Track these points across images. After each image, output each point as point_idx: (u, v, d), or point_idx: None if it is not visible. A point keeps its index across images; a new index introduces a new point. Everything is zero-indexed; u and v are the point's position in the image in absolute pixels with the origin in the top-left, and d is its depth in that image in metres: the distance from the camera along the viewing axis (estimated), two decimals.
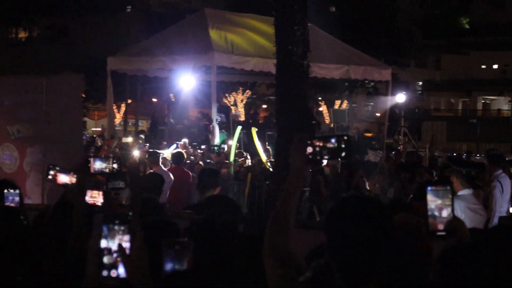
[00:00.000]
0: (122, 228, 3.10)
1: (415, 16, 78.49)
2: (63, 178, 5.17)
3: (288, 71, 10.13)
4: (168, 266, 3.05)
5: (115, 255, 3.08)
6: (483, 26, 77.33)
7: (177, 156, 13.99)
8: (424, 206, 3.01)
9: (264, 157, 17.18)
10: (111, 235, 3.10)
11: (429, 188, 2.99)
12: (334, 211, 3.19)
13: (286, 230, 3.41)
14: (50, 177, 5.24)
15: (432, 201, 2.96)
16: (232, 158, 17.46)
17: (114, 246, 3.09)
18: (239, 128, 19.73)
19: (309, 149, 3.37)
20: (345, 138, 3.39)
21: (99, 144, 23.85)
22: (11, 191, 5.40)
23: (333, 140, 3.37)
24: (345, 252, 3.02)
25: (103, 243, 3.10)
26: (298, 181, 3.52)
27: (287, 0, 10.12)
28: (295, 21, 10.02)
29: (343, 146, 3.37)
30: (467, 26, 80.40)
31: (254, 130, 18.71)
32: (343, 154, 3.38)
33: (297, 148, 3.43)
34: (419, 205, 3.51)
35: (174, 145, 20.97)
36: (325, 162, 13.85)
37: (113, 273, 3.08)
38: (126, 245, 3.10)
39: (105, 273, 3.08)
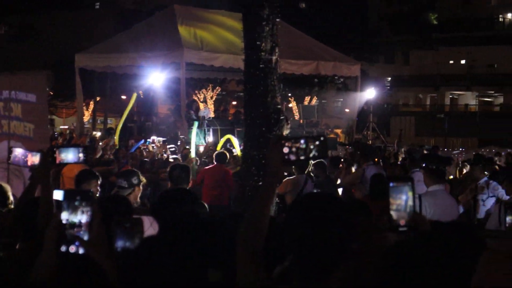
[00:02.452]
0: (83, 204, 3.09)
1: (383, 12, 78.89)
2: (27, 158, 5.12)
3: (256, 67, 10.10)
4: (120, 243, 3.05)
5: (74, 230, 3.07)
6: (451, 22, 77.80)
7: (220, 156, 14.45)
8: (386, 202, 3.02)
9: (193, 154, 17.35)
10: (71, 211, 3.09)
11: (391, 184, 3.00)
12: (291, 208, 3.19)
13: (261, 229, 3.41)
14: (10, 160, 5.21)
15: (394, 197, 2.98)
16: (193, 154, 17.49)
17: (74, 221, 3.08)
18: (195, 123, 19.84)
19: (285, 150, 3.37)
20: (322, 139, 3.40)
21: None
22: None
23: (302, 141, 3.38)
24: (303, 250, 3.03)
25: (64, 219, 3.08)
26: (275, 180, 3.53)
27: None
28: (263, 16, 9.99)
29: (312, 146, 3.37)
30: (435, 22, 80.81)
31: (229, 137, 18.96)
32: (313, 154, 3.39)
33: (273, 149, 3.43)
34: (378, 203, 3.51)
35: (142, 141, 20.89)
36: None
37: (72, 249, 3.07)
38: (87, 220, 3.08)
39: (63, 248, 3.07)
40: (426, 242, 2.84)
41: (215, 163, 14.34)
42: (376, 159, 12.83)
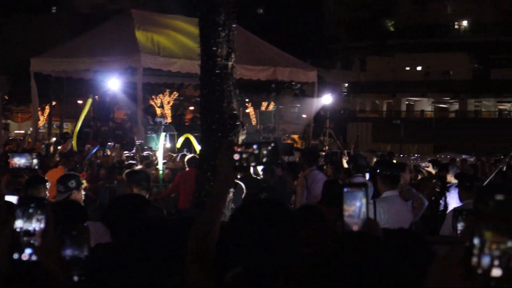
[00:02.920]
0: (38, 211, 3.07)
1: (341, 19, 79.40)
2: None
3: (212, 72, 10.11)
4: (68, 252, 3.04)
5: (28, 237, 3.05)
6: (407, 29, 78.57)
7: (192, 160, 14.25)
8: (340, 208, 3.04)
9: (160, 163, 17.32)
10: (26, 219, 3.07)
11: (345, 189, 3.01)
12: (235, 214, 3.20)
13: (212, 235, 3.41)
14: None
15: (348, 203, 2.99)
16: (160, 162, 17.43)
17: (29, 229, 3.06)
18: (163, 134, 19.79)
19: (236, 156, 3.38)
20: (273, 145, 3.41)
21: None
22: None
23: (255, 147, 3.39)
24: (249, 256, 3.04)
25: (18, 226, 3.07)
26: (226, 186, 3.53)
27: (212, 1, 10.10)
28: (219, 22, 9.99)
29: (265, 152, 3.39)
30: (391, 29, 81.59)
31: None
32: (265, 160, 3.41)
33: (224, 155, 3.44)
34: (333, 209, 3.54)
35: (98, 147, 20.76)
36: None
37: (25, 256, 3.05)
38: (40, 228, 3.07)
39: (16, 255, 3.05)
40: (373, 250, 2.86)
41: (188, 168, 14.26)
42: (319, 164, 12.88)
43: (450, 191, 12.99)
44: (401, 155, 32.55)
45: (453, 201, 12.67)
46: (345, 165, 15.43)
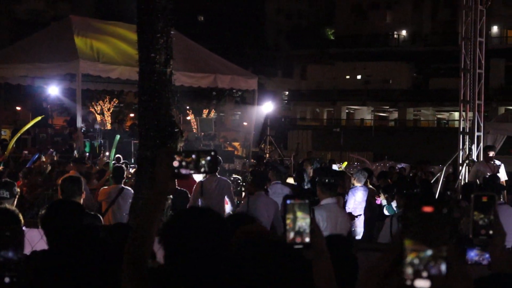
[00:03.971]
0: None
1: (282, 27, 79.80)
2: None
3: (150, 79, 10.08)
4: (0, 253, 3.02)
5: None
6: (347, 38, 79.28)
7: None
8: (283, 220, 3.04)
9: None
10: None
11: (288, 201, 3.01)
12: (167, 223, 3.20)
13: (148, 243, 3.40)
14: None
15: (291, 214, 2.99)
16: (111, 166, 17.32)
17: None
18: (117, 137, 19.70)
19: (175, 163, 3.38)
20: (212, 153, 3.42)
21: None
22: None
23: (193, 156, 3.40)
24: (182, 264, 3.04)
25: None
26: (163, 193, 3.53)
27: (150, 8, 10.07)
28: (157, 28, 9.97)
29: (203, 161, 3.39)
30: (332, 37, 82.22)
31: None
32: (203, 169, 3.41)
33: (163, 162, 3.43)
34: None
35: (37, 155, 20.52)
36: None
37: None
38: None
39: None
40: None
41: None
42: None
43: (350, 192, 13.40)
44: (340, 163, 32.75)
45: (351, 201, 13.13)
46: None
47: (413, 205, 1.84)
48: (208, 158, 3.39)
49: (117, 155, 19.46)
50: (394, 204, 11.61)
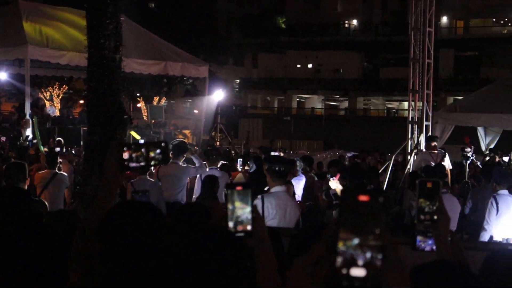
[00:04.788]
0: None
1: (233, 15, 79.66)
2: None
3: (99, 65, 10.01)
4: None
5: None
6: (298, 26, 79.31)
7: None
8: (224, 208, 3.03)
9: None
10: None
11: (228, 190, 2.99)
12: (104, 218, 3.15)
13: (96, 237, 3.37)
14: None
15: (232, 202, 2.97)
16: (41, 149, 17.23)
17: None
18: (35, 119, 19.57)
19: (125, 155, 3.35)
20: (163, 144, 3.40)
21: None
22: None
23: (143, 150, 3.37)
24: (120, 261, 3.00)
25: None
26: (113, 185, 3.50)
27: None
28: (107, 14, 9.90)
29: (152, 154, 3.37)
30: (283, 26, 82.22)
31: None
32: (154, 162, 3.39)
33: (112, 153, 3.40)
34: (212, 204, 3.57)
35: None
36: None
37: None
38: None
39: None
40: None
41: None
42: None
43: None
44: (291, 152, 32.90)
45: None
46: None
47: (349, 194, 1.85)
48: (158, 151, 3.37)
49: (58, 138, 19.35)
50: None
